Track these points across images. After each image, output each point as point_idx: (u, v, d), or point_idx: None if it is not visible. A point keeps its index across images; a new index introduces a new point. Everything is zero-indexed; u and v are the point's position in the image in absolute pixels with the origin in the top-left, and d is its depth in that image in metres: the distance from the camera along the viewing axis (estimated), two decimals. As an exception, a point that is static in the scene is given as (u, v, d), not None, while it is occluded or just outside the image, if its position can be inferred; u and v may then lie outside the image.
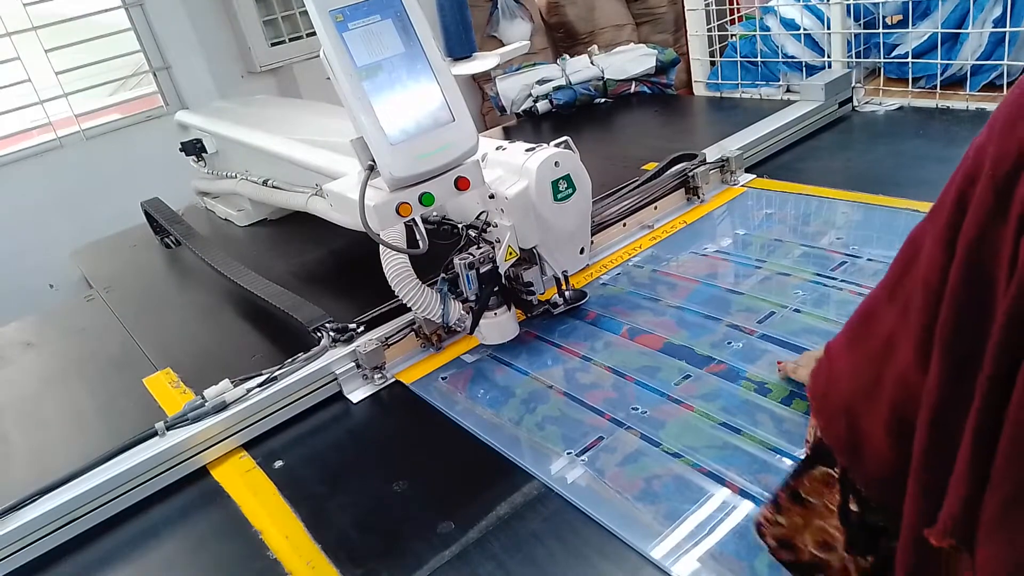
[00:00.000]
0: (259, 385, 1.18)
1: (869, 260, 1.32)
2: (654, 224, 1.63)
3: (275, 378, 1.19)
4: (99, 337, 1.66)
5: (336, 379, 1.24)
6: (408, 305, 1.24)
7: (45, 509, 1.02)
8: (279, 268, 1.75)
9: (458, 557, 0.87)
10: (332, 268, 1.75)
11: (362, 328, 1.29)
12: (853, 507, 0.52)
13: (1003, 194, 0.40)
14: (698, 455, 0.95)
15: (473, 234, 1.24)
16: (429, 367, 1.27)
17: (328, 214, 1.50)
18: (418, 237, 1.08)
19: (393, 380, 1.25)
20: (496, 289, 1.24)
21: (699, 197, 1.69)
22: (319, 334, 1.27)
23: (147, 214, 2.13)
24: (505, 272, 1.23)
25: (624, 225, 1.60)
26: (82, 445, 1.26)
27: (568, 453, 1.00)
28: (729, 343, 1.16)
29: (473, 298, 1.22)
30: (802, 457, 0.59)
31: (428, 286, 1.24)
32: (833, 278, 1.28)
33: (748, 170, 1.79)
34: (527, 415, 1.10)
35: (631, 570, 0.81)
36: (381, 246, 1.16)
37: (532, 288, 1.28)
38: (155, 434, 1.11)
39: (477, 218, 1.23)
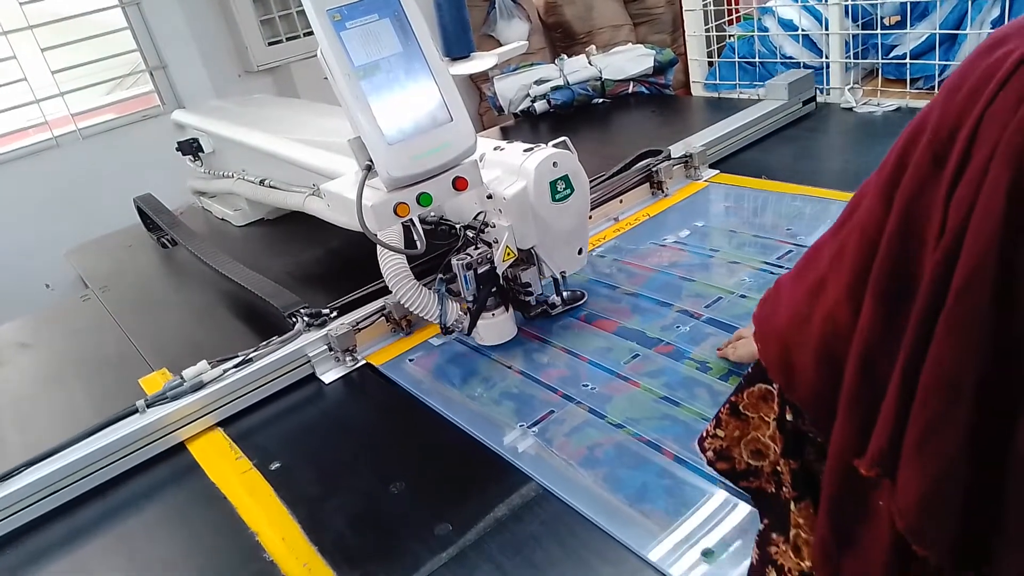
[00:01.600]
0: (235, 366, 1.23)
1: (813, 248, 1.37)
2: (619, 216, 1.68)
3: (250, 359, 1.24)
4: (95, 337, 1.65)
5: (309, 361, 1.29)
6: (406, 306, 1.24)
7: (34, 478, 1.08)
8: (276, 267, 1.74)
9: (455, 560, 0.87)
10: (329, 268, 1.75)
11: (335, 313, 1.33)
12: (789, 417, 0.57)
13: (939, 159, 0.42)
14: (639, 426, 1.02)
15: (471, 234, 1.24)
16: (398, 350, 1.32)
17: (325, 214, 1.49)
18: (416, 237, 1.08)
19: (364, 362, 1.30)
20: (494, 290, 1.23)
21: (663, 191, 1.74)
22: (294, 319, 1.31)
23: (139, 210, 2.12)
24: (503, 273, 1.23)
25: (590, 217, 1.62)
26: (77, 446, 1.25)
27: (521, 425, 1.07)
28: (678, 326, 1.23)
29: (471, 299, 1.22)
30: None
31: (426, 286, 1.24)
32: (779, 265, 1.35)
33: (714, 165, 1.84)
34: (486, 392, 1.16)
35: (630, 572, 0.81)
36: (379, 246, 1.16)
37: (530, 289, 1.28)
38: (136, 411, 1.16)
39: (475, 218, 1.23)
